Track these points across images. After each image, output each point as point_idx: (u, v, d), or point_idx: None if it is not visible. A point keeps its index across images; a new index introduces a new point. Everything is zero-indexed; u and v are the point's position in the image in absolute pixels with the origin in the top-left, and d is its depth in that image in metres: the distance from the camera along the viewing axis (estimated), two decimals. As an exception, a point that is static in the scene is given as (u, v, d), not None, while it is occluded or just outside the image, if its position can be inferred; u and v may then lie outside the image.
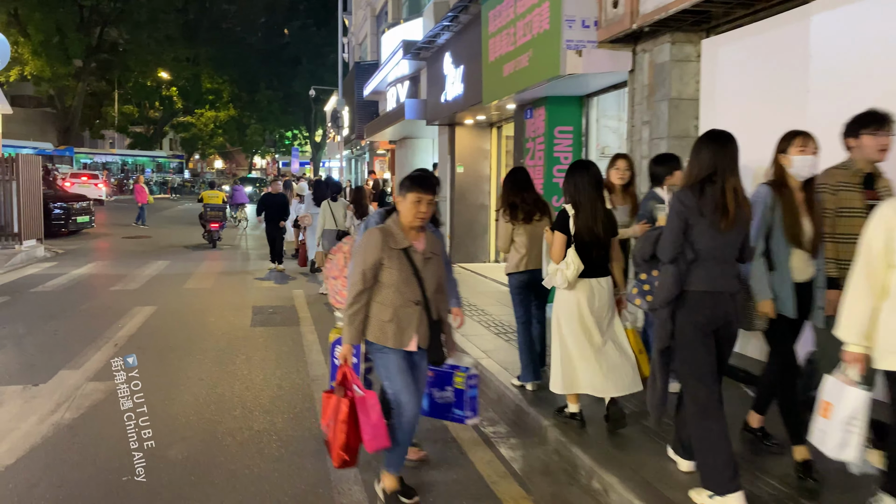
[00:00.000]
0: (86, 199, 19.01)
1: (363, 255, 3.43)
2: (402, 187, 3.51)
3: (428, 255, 3.52)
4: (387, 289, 3.44)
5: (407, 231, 3.47)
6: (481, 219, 12.53)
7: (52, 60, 40.61)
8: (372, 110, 18.86)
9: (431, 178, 3.55)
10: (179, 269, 12.67)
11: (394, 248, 3.42)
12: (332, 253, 4.92)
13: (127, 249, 15.95)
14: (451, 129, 12.52)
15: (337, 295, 4.68)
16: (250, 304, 9.28)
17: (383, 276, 3.43)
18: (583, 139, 8.52)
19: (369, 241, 3.44)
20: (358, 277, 3.42)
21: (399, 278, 3.41)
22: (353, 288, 3.45)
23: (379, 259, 3.40)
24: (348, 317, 3.44)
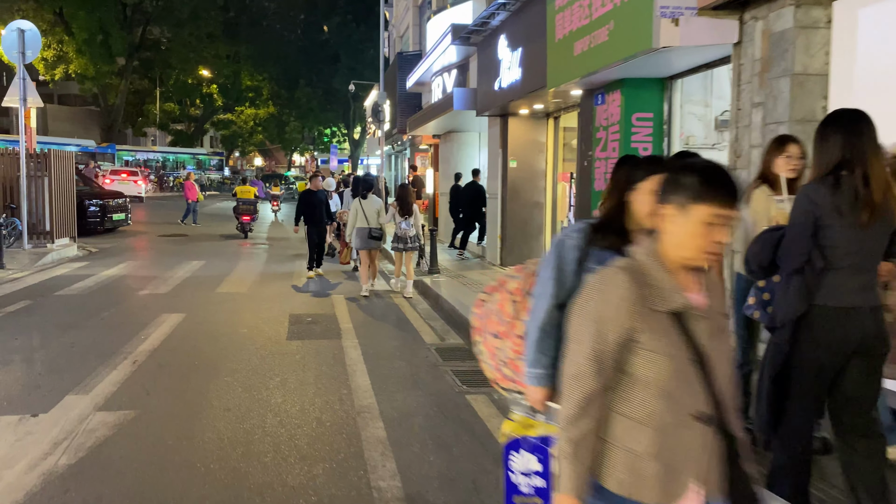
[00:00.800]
0: (122, 197, 18.45)
1: (597, 322, 1.71)
2: (677, 190, 1.71)
3: (714, 316, 1.79)
4: (643, 390, 1.71)
5: (677, 273, 1.75)
6: (536, 218, 11.44)
7: (96, 58, 40.75)
8: (414, 103, 17.89)
9: (731, 177, 1.71)
10: (214, 270, 11.87)
11: (657, 311, 1.70)
12: (487, 290, 2.91)
13: (162, 248, 15.28)
14: (503, 120, 11.45)
15: (505, 366, 2.63)
16: (287, 312, 8.37)
17: (637, 366, 1.71)
18: (664, 127, 7.38)
19: (608, 294, 1.71)
20: (586, 366, 1.71)
21: (669, 370, 1.70)
22: (577, 387, 1.72)
23: (629, 331, 1.70)
24: (568, 443, 1.71)
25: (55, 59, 41.59)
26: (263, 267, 12.49)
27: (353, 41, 47.01)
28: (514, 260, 11.34)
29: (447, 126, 15.01)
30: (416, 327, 7.68)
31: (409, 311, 8.61)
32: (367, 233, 9.50)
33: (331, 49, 49.85)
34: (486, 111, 11.40)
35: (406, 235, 9.45)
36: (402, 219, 9.43)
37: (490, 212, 12.20)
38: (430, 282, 10.07)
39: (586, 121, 8.26)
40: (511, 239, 11.40)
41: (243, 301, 9.09)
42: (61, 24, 40.66)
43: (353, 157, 51.91)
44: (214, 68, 47.65)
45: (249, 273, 11.61)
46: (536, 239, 11.45)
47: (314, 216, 10.93)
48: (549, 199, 11.44)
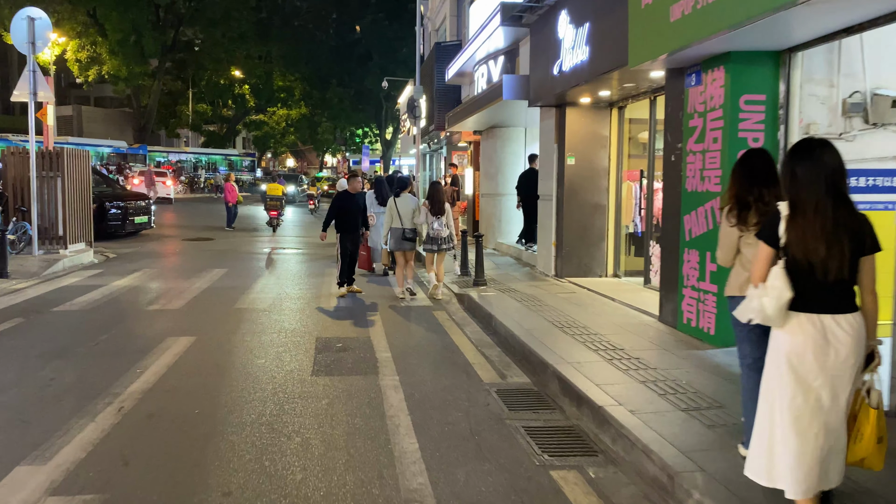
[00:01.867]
0: (145, 198, 17.40)
1: None
2: None
3: None
4: None
5: None
6: (597, 222, 9.94)
7: (129, 59, 40.25)
8: (453, 98, 16.50)
9: None
10: (236, 280, 10.62)
11: None
12: None
13: (184, 254, 14.12)
14: (559, 111, 9.98)
15: None
16: (314, 335, 7.04)
17: None
18: (780, 113, 5.86)
19: None
20: None
21: None
22: None
23: None
24: None
25: (88, 60, 41.23)
26: (291, 276, 11.20)
27: (386, 39, 45.92)
28: (572, 271, 9.89)
29: (490, 121, 13.58)
30: (469, 358, 6.26)
31: (456, 334, 7.20)
32: (402, 233, 8.98)
33: (363, 48, 48.89)
34: (539, 101, 9.94)
35: (439, 236, 8.93)
36: (434, 218, 8.89)
37: (543, 215, 10.73)
38: (478, 296, 8.65)
39: (674, 106, 6.75)
40: (568, 246, 9.93)
41: (264, 319, 7.78)
42: (95, 26, 40.23)
43: (385, 158, 50.87)
44: (246, 69, 46.98)
45: (274, 284, 10.33)
46: (597, 247, 9.96)
47: (349, 223, 9.43)
48: (613, 200, 9.94)
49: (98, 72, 41.04)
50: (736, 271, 3.75)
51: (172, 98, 49.10)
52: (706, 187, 6.13)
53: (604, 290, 8.87)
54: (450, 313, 8.33)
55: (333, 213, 9.55)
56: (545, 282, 9.93)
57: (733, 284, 3.73)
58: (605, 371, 5.27)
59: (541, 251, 10.86)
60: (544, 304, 8.09)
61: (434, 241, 8.98)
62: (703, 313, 6.21)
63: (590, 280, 9.72)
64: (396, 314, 8.24)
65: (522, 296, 8.67)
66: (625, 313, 7.54)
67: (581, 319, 7.16)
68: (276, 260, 13.41)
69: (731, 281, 3.76)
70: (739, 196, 3.64)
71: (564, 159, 9.85)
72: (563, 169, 9.92)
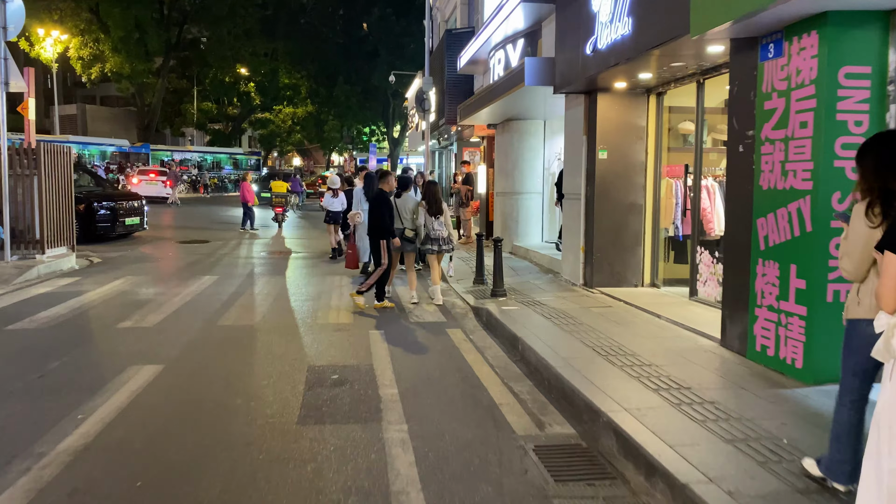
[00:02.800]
0: (137, 198, 16.22)
1: None
2: None
3: None
4: None
5: None
6: (632, 224, 8.69)
7: (132, 57, 39.20)
8: (465, 89, 15.25)
9: None
10: (225, 289, 9.42)
11: None
12: None
13: (175, 258, 12.95)
14: (589, 98, 8.74)
15: None
16: (305, 362, 5.83)
17: None
18: (889, 89, 4.60)
19: None
20: None
21: None
22: None
23: None
24: None
25: (91, 58, 40.20)
26: (288, 285, 10.00)
27: (393, 35, 44.69)
28: (603, 280, 8.64)
29: (506, 112, 12.34)
30: (494, 396, 5.03)
31: (476, 361, 5.97)
32: (402, 234, 8.41)
33: (370, 45, 47.74)
34: (566, 87, 8.69)
35: (439, 236, 8.38)
36: (432, 219, 8.34)
37: (569, 216, 9.49)
38: (499, 311, 7.42)
39: (743, 85, 5.49)
40: (599, 252, 8.67)
41: (249, 341, 6.58)
42: (97, 23, 39.20)
43: (393, 157, 49.74)
44: (252, 66, 45.90)
45: (268, 294, 9.13)
46: (632, 252, 8.70)
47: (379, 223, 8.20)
48: (650, 199, 8.68)
49: (101, 69, 40.02)
50: (868, 287, 2.97)
51: (177, 96, 48.07)
52: (790, 184, 4.88)
53: (644, 303, 7.61)
54: (466, 331, 7.10)
55: (384, 213, 8.16)
56: (573, 292, 8.67)
57: (865, 305, 2.97)
58: (675, 422, 4.03)
59: (566, 257, 9.62)
60: (578, 321, 6.84)
61: (434, 242, 8.39)
62: (786, 340, 4.96)
63: (624, 291, 8.47)
64: (404, 332, 7.01)
65: (550, 311, 7.43)
66: (676, 335, 6.28)
67: (626, 343, 5.92)
68: (274, 266, 12.21)
69: (860, 300, 3.00)
70: (882, 184, 2.83)
71: (595, 153, 8.60)
72: (593, 164, 8.67)
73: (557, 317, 7.09)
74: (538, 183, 12.81)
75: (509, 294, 8.59)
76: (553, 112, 12.04)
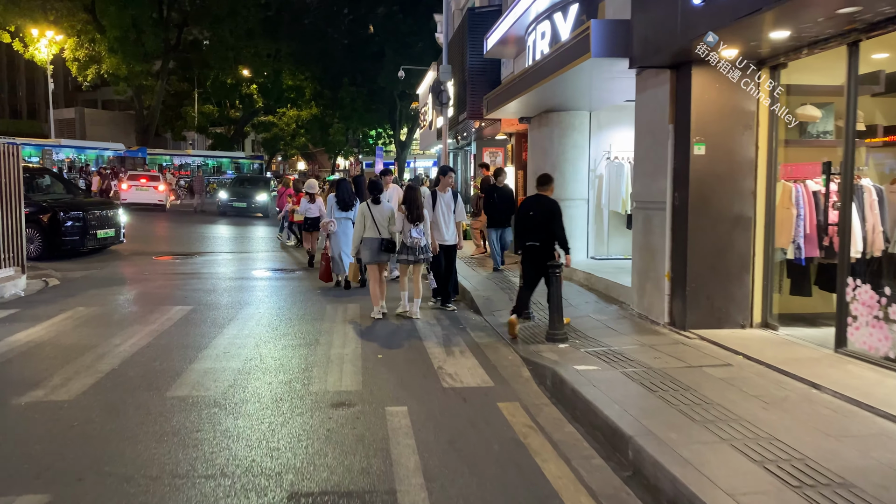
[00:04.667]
0: (112, 207, 13.92)
1: None
2: None
3: None
4: None
5: None
6: (738, 243, 6.34)
7: (129, 57, 37.01)
8: (491, 79, 12.91)
9: None
10: (193, 329, 7.11)
11: None
12: None
13: (148, 279, 10.64)
14: (678, 74, 6.39)
15: None
16: (285, 478, 3.50)
17: None
18: None
19: None
20: None
21: None
22: None
23: None
24: None
25: (87, 59, 38.05)
26: (278, 320, 7.67)
27: (400, 34, 42.39)
28: (700, 318, 6.30)
29: (544, 102, 10.00)
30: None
31: (560, 478, 3.63)
32: (379, 244, 7.73)
33: (376, 45, 45.50)
34: (652, 57, 6.35)
35: (416, 245, 7.63)
36: (411, 226, 7.60)
37: (643, 230, 7.15)
38: (571, 375, 5.07)
39: None
40: (695, 280, 6.32)
41: (203, 433, 4.24)
42: (93, 23, 37.05)
43: (400, 160, 47.52)
44: (254, 67, 43.72)
45: (248, 337, 6.79)
46: (738, 281, 6.34)
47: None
48: (762, 209, 6.34)
49: (97, 71, 37.87)
50: None
51: (178, 99, 45.92)
52: None
53: (772, 358, 5.26)
54: (528, 409, 4.74)
55: (520, 220, 7.22)
56: (660, 336, 6.32)
57: None
58: None
59: (639, 284, 7.26)
60: (701, 397, 4.48)
61: (411, 251, 7.60)
62: None
63: (730, 335, 6.11)
64: (436, 411, 4.66)
65: (647, 373, 5.07)
66: (868, 424, 3.93)
67: (806, 449, 3.57)
68: (265, 289, 9.91)
69: None
70: None
71: (689, 147, 6.25)
72: (685, 162, 6.32)
73: (663, 385, 4.74)
74: (583, 187, 10.46)
75: (571, 336, 6.27)
76: (602, 100, 9.72)
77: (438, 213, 8.00)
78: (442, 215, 8.03)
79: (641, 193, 7.20)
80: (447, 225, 8.07)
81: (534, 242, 6.72)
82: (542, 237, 6.68)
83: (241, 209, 23.53)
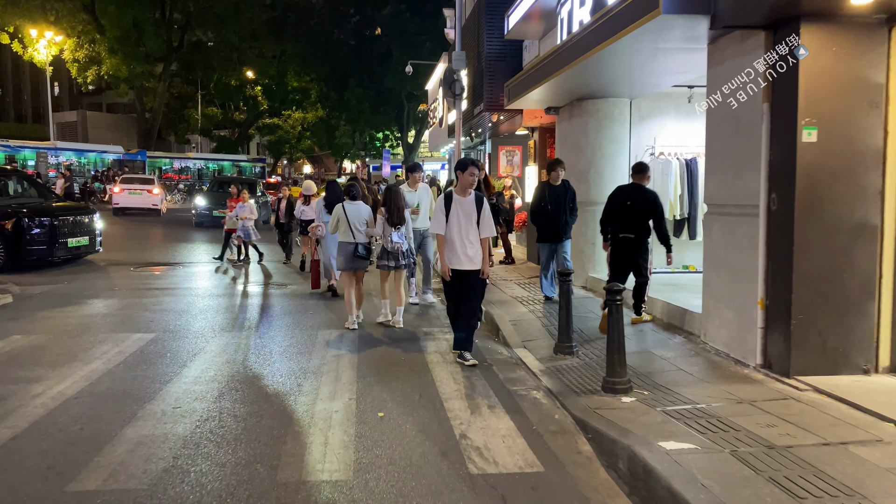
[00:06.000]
0: (87, 212, 12.37)
1: None
2: None
3: None
4: None
5: None
6: (859, 260, 4.69)
7: (129, 58, 35.62)
8: (511, 66, 11.23)
9: None
10: (147, 367, 5.52)
11: None
12: None
13: (115, 295, 9.06)
14: (777, 35, 4.76)
15: None
16: None
17: None
18: None
19: None
20: None
21: None
22: None
23: None
24: None
25: (87, 60, 36.70)
26: (254, 356, 6.07)
27: (408, 34, 40.89)
28: (808, 360, 4.65)
29: (578, 87, 8.38)
30: None
31: None
32: (353, 249, 6.99)
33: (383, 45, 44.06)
34: (747, 14, 4.72)
35: (397, 250, 6.88)
36: (392, 229, 6.85)
37: (723, 243, 5.51)
38: (658, 457, 3.44)
39: None
40: (802, 311, 4.66)
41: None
42: (92, 22, 35.72)
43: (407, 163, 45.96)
44: (258, 68, 42.33)
45: (212, 381, 5.18)
46: (859, 311, 4.68)
47: None
48: (893, 216, 4.69)
49: (97, 72, 36.53)
50: None
51: (182, 102, 44.57)
52: None
53: None
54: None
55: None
56: (755, 383, 4.66)
57: None
58: None
59: (717, 312, 5.61)
60: None
61: (391, 257, 6.92)
62: None
63: (853, 384, 4.47)
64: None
65: (768, 453, 3.42)
66: None
67: None
68: (249, 308, 8.33)
69: None
70: None
71: (796, 133, 4.61)
72: (787, 153, 4.69)
73: (809, 485, 3.10)
74: (623, 189, 8.82)
75: (635, 383, 4.65)
76: (645, 85, 8.09)
77: (453, 225, 5.67)
78: (458, 227, 5.66)
79: (718, 195, 5.56)
80: (466, 241, 5.66)
81: (628, 235, 6.42)
82: (639, 230, 6.39)
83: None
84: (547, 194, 7.86)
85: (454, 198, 5.78)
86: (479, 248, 5.70)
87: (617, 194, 6.68)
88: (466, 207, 5.72)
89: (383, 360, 5.88)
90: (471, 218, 5.70)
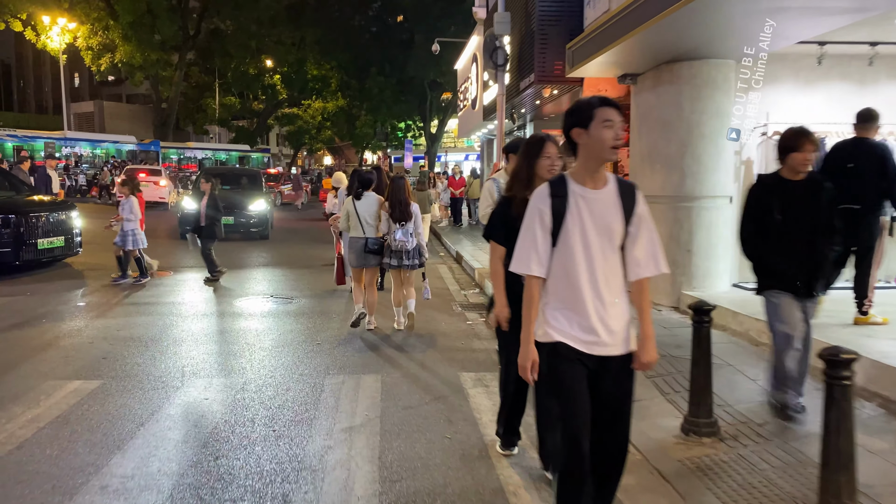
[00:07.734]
0: (64, 209, 10.48)
1: None
2: None
3: None
4: None
5: None
6: None
7: (143, 45, 34.03)
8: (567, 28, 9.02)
9: None
10: (63, 451, 3.57)
11: None
12: None
13: (76, 317, 7.14)
14: None
15: None
16: None
17: None
18: None
19: None
20: None
21: None
22: None
23: None
24: None
25: (101, 47, 35.17)
26: (234, 417, 4.08)
27: (431, 18, 38.81)
28: None
29: (670, 45, 6.25)
30: None
31: None
32: (363, 245, 6.30)
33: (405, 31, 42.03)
34: None
35: (403, 249, 6.18)
36: (396, 226, 6.20)
37: None
38: None
39: None
40: None
41: None
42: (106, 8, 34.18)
43: (430, 154, 43.98)
44: (277, 56, 40.58)
45: (153, 479, 3.19)
46: None
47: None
48: None
49: (111, 60, 34.99)
50: None
51: (199, 91, 42.99)
52: None
53: None
54: None
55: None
56: None
57: None
58: None
59: None
60: None
61: (395, 255, 6.17)
62: None
63: None
64: None
65: None
66: None
67: None
68: (240, 336, 6.35)
69: None
70: None
71: None
72: None
73: None
74: (727, 179, 6.69)
75: None
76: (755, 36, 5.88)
77: (563, 255, 2.53)
78: (583, 257, 2.48)
79: None
80: (602, 287, 2.48)
81: (851, 206, 4.70)
82: (866, 198, 4.81)
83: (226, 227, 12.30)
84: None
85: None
86: (625, 306, 2.51)
87: (835, 154, 5.09)
88: (600, 209, 2.49)
89: (405, 439, 3.84)
90: (608, 235, 2.45)
